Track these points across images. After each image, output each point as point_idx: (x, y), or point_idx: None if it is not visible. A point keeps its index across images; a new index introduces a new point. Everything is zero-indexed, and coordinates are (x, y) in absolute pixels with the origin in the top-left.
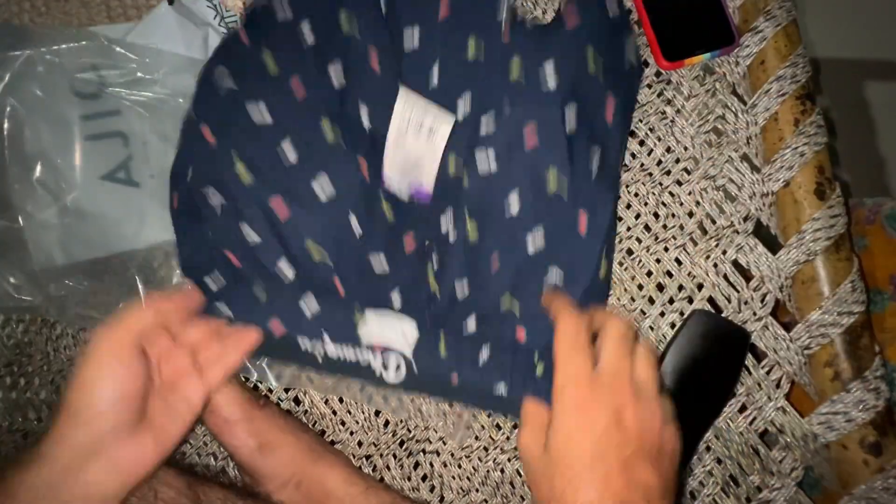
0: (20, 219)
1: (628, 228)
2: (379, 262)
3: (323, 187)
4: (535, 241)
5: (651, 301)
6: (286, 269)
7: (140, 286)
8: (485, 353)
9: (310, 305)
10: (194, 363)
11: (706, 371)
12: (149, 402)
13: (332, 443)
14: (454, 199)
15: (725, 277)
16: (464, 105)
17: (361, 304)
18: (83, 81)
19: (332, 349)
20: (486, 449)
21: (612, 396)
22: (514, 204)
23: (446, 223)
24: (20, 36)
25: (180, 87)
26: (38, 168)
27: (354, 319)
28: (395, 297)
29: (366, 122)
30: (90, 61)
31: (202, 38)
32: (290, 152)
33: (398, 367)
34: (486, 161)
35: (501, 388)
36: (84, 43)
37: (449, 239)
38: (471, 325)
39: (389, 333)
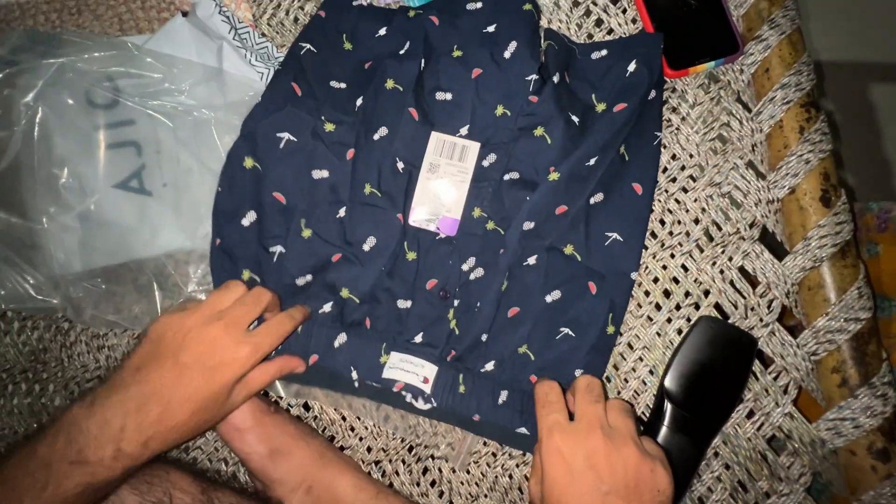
0: (44, 220)
1: None
2: (403, 302)
3: (367, 240)
4: (552, 297)
5: (658, 307)
6: (327, 307)
7: (157, 293)
8: (503, 395)
9: (340, 340)
10: None
11: (713, 377)
12: None
13: (342, 448)
14: (477, 246)
15: (732, 284)
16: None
17: (388, 343)
18: (99, 91)
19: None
20: (494, 455)
21: (584, 442)
22: (533, 262)
23: (468, 266)
24: (53, 44)
25: (206, 97)
26: (65, 173)
27: (381, 360)
28: (418, 335)
29: (400, 166)
30: (119, 69)
31: (216, 51)
32: (341, 212)
33: (426, 397)
34: (520, 225)
35: (524, 430)
36: (114, 52)
37: (470, 279)
38: (489, 366)
39: (410, 376)
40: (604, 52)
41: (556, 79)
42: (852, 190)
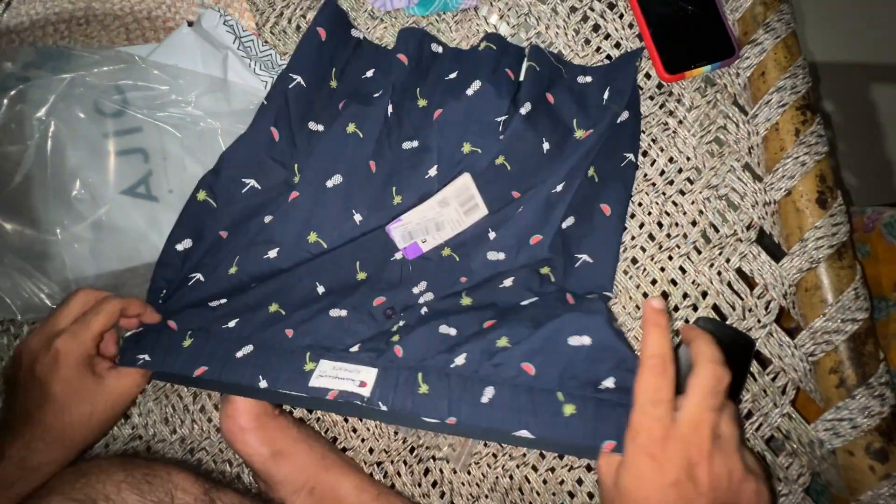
0: (58, 231)
1: (632, 238)
2: (337, 311)
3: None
4: (528, 301)
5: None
6: (231, 323)
7: None
8: (489, 393)
9: (245, 351)
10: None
11: None
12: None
13: (344, 450)
14: (429, 271)
15: (729, 285)
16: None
17: (313, 353)
18: (107, 99)
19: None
20: (494, 455)
21: (687, 449)
22: (508, 283)
23: (418, 289)
24: (62, 59)
25: (211, 107)
26: (77, 184)
27: (305, 367)
28: (354, 347)
29: (357, 218)
30: (127, 82)
31: (221, 60)
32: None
33: (365, 401)
34: (495, 254)
35: (525, 433)
36: (122, 65)
37: (419, 301)
38: (459, 360)
39: (345, 382)
40: (589, 79)
41: (524, 110)
42: (849, 193)
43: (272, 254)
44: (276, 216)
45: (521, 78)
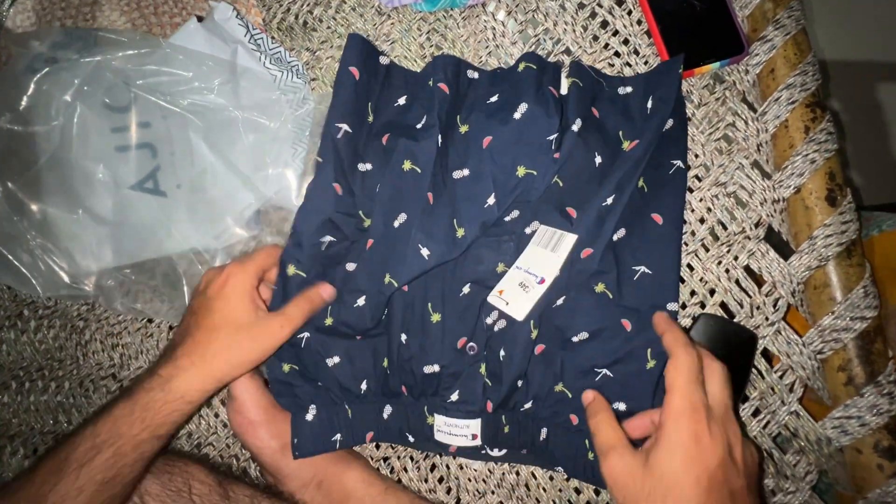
0: (80, 212)
1: None
2: (429, 367)
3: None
4: (579, 337)
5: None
6: (364, 385)
7: (185, 287)
8: (543, 433)
9: (387, 412)
10: None
11: None
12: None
13: None
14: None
15: (737, 283)
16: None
17: (428, 405)
18: (120, 93)
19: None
20: None
21: (724, 432)
22: (560, 303)
23: (491, 319)
24: (90, 41)
25: (233, 96)
26: (101, 167)
27: (428, 421)
28: (454, 394)
29: (424, 252)
30: (152, 67)
31: (230, 55)
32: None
33: (483, 448)
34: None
35: (560, 469)
36: (148, 50)
37: (495, 330)
38: (528, 405)
39: (460, 439)
40: (629, 89)
41: (575, 127)
42: (859, 190)
43: (360, 301)
44: (359, 264)
45: (563, 93)
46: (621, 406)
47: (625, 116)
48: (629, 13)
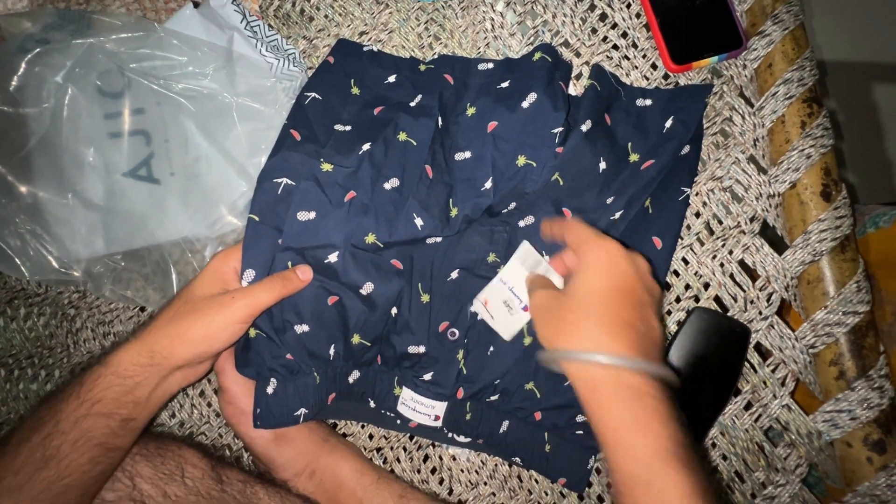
0: (69, 197)
1: None
2: (415, 347)
3: (364, 286)
4: None
5: None
6: (333, 349)
7: (173, 275)
8: (504, 426)
9: (354, 376)
10: None
11: (708, 367)
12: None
13: (344, 435)
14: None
15: (732, 277)
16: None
17: (399, 377)
18: (113, 78)
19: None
20: None
21: (633, 255)
22: None
23: (474, 311)
24: (83, 23)
25: (227, 82)
26: (91, 151)
27: (395, 392)
28: (427, 374)
29: (418, 222)
30: (145, 51)
31: (226, 42)
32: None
33: (443, 430)
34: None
35: (518, 461)
36: (142, 34)
37: (478, 320)
38: (494, 396)
39: (423, 417)
40: (648, 102)
41: (584, 127)
42: (854, 190)
43: (332, 258)
44: (324, 215)
45: (571, 92)
46: (580, 419)
47: (637, 129)
48: (628, 6)
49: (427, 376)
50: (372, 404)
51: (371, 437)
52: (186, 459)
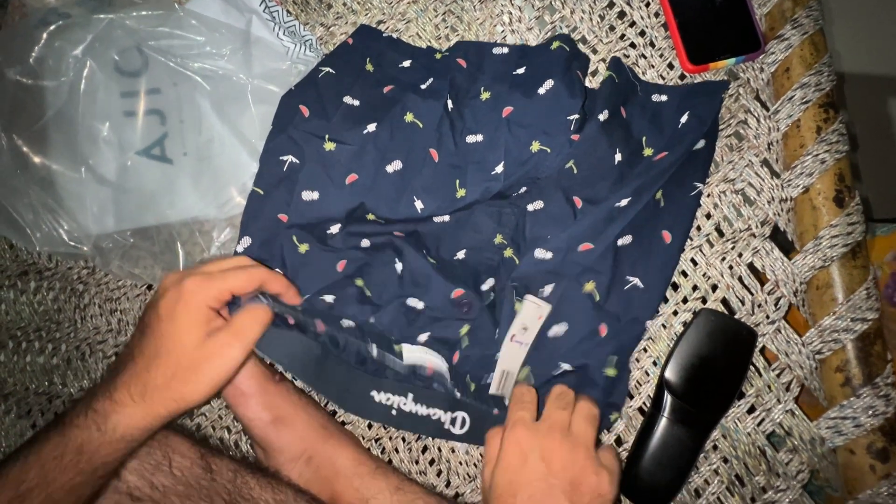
0: (83, 171)
1: None
2: (415, 301)
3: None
4: (554, 331)
5: (665, 300)
6: (328, 298)
7: (181, 253)
8: (495, 412)
9: (347, 322)
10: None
11: (713, 369)
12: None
13: (343, 423)
14: (492, 271)
15: (740, 280)
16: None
17: (396, 336)
18: (131, 57)
19: (408, 406)
20: None
21: (544, 440)
22: (548, 293)
23: (486, 287)
24: (105, 0)
25: (244, 64)
26: (106, 127)
27: (395, 348)
28: (423, 334)
29: (419, 206)
30: (164, 30)
31: (245, 24)
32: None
33: (463, 422)
34: (543, 252)
35: None
36: (161, 12)
37: (484, 300)
38: (489, 379)
39: (436, 361)
40: (664, 98)
41: (602, 117)
42: (869, 204)
43: (334, 229)
44: (325, 196)
45: (587, 84)
46: None
47: (652, 124)
48: (647, 5)
49: (422, 337)
50: (374, 351)
51: (370, 426)
52: (174, 449)
